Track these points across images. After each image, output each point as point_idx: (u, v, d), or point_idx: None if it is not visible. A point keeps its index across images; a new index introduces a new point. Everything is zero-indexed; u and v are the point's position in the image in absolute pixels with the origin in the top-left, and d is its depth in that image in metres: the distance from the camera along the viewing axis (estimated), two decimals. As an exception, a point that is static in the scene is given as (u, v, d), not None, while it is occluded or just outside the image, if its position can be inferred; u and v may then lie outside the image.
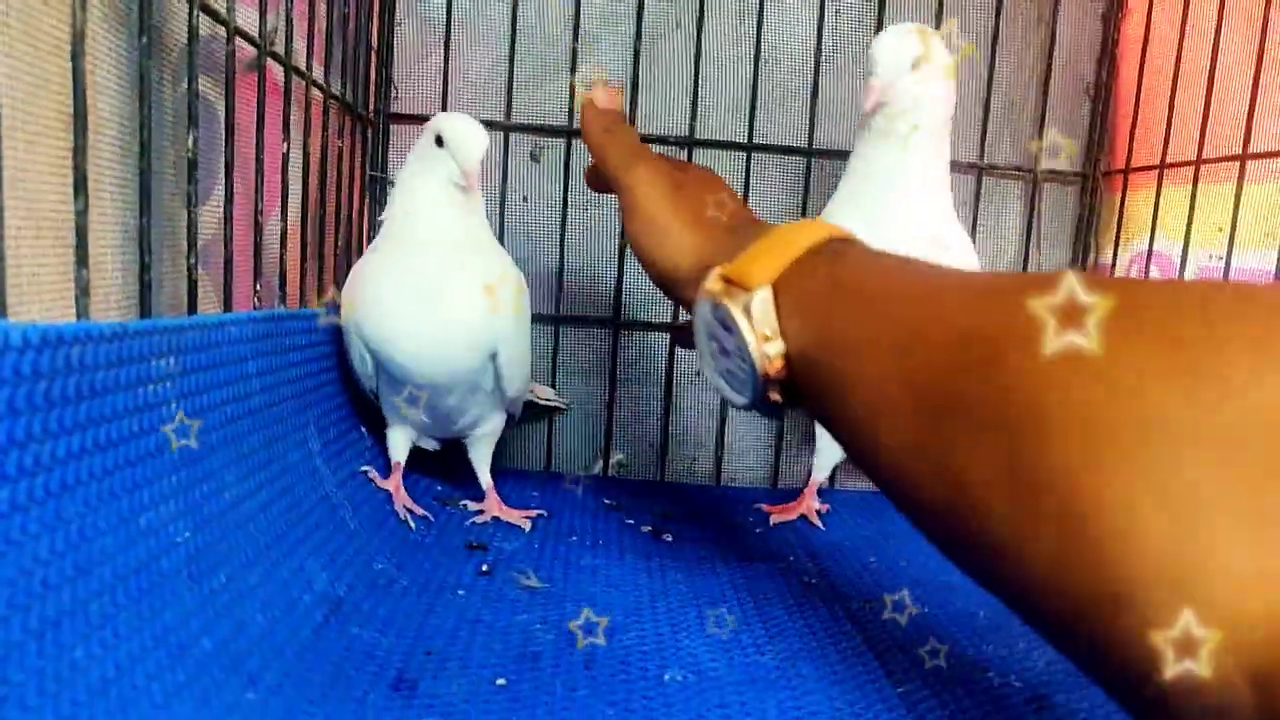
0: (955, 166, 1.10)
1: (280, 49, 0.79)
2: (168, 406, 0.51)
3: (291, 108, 0.81)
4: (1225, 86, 0.97)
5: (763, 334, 0.50)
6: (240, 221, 0.77)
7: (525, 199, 1.16)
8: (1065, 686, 0.65)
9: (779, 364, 0.50)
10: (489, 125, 1.12)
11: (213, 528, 0.55)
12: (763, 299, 0.50)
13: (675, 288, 0.64)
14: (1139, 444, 0.29)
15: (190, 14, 0.62)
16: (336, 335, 0.89)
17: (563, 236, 1.15)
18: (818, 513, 1.02)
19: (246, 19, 0.73)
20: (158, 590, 0.47)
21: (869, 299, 0.46)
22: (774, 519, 1.00)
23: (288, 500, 0.69)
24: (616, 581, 0.79)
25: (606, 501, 1.04)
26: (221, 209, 0.70)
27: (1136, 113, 1.11)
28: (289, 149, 0.81)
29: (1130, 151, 1.13)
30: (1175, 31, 1.04)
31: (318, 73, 0.92)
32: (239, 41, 0.70)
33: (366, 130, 1.11)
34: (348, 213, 1.06)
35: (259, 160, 0.74)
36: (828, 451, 1.04)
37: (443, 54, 1.13)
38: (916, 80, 0.88)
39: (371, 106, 1.12)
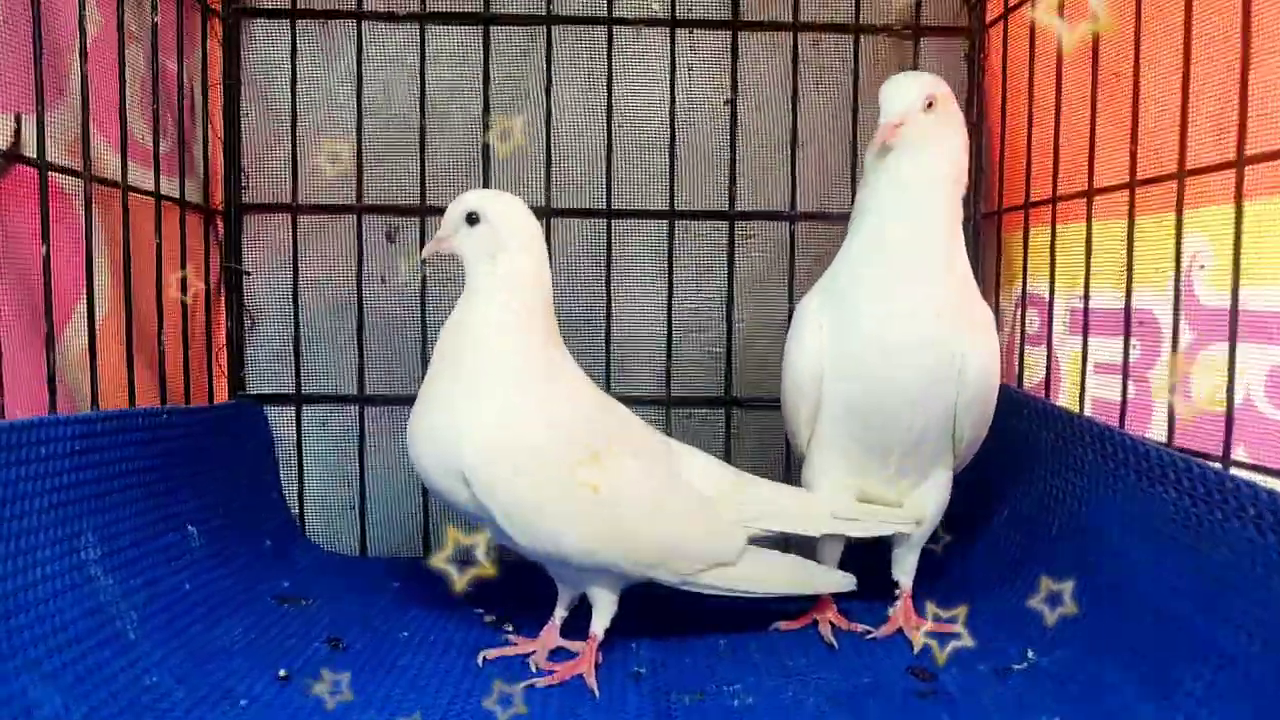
0: (839, 218, 1.08)
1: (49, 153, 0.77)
2: None
3: (94, 212, 0.80)
4: (1078, 122, 0.93)
5: None
6: (22, 328, 0.75)
7: (383, 279, 1.13)
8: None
9: None
10: (341, 210, 1.12)
11: None
12: None
13: None
14: None
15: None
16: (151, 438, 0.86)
17: (423, 314, 1.12)
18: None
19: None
20: None
21: None
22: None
23: (28, 617, 0.65)
24: (423, 684, 0.74)
25: (469, 590, 0.99)
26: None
27: (1003, 153, 1.08)
28: (91, 251, 0.79)
29: (1000, 193, 1.09)
30: (1041, 66, 1.00)
31: (141, 175, 0.90)
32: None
33: (215, 223, 1.09)
34: (199, 305, 1.04)
35: (46, 268, 0.73)
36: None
37: (290, 141, 1.11)
38: (932, 121, 0.81)
39: (220, 198, 1.10)
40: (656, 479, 0.81)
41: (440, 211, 1.07)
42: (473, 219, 0.80)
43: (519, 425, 0.75)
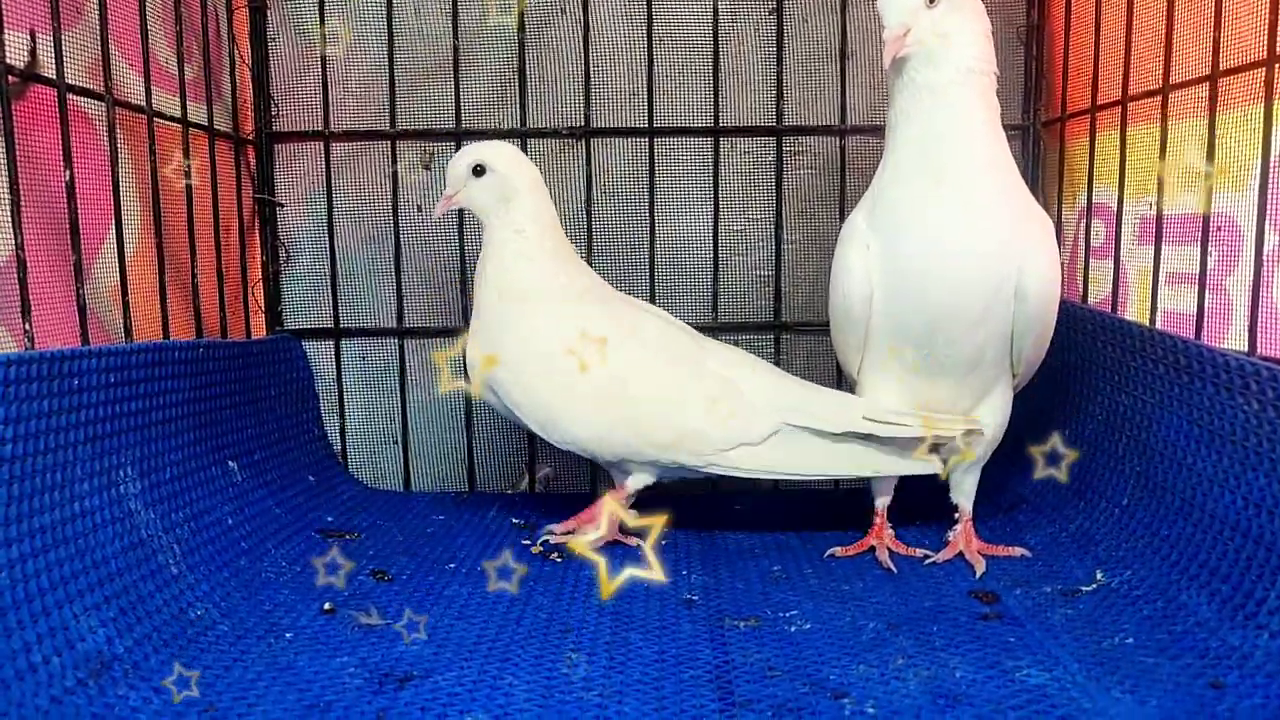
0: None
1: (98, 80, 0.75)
2: None
3: (119, 139, 0.77)
4: (1147, 16, 0.87)
5: None
6: (50, 256, 0.74)
7: (420, 209, 1.10)
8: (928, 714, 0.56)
9: None
10: (375, 136, 1.08)
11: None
12: None
13: None
14: None
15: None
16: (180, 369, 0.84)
17: (461, 243, 1.09)
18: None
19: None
20: None
21: None
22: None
23: (68, 550, 0.64)
24: (471, 613, 0.73)
25: (514, 521, 0.98)
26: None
27: (1067, 54, 1.01)
28: (118, 178, 0.77)
29: (1065, 97, 1.03)
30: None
31: (166, 101, 0.88)
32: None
33: (245, 153, 1.07)
34: (232, 238, 1.02)
35: (70, 192, 0.71)
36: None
37: (320, 66, 1.08)
38: (940, 15, 0.75)
39: (250, 127, 1.08)
40: (665, 368, 0.84)
41: (478, 135, 1.05)
42: (479, 170, 0.86)
43: (531, 352, 0.84)
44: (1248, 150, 0.74)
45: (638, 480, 0.87)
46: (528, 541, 0.91)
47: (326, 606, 0.73)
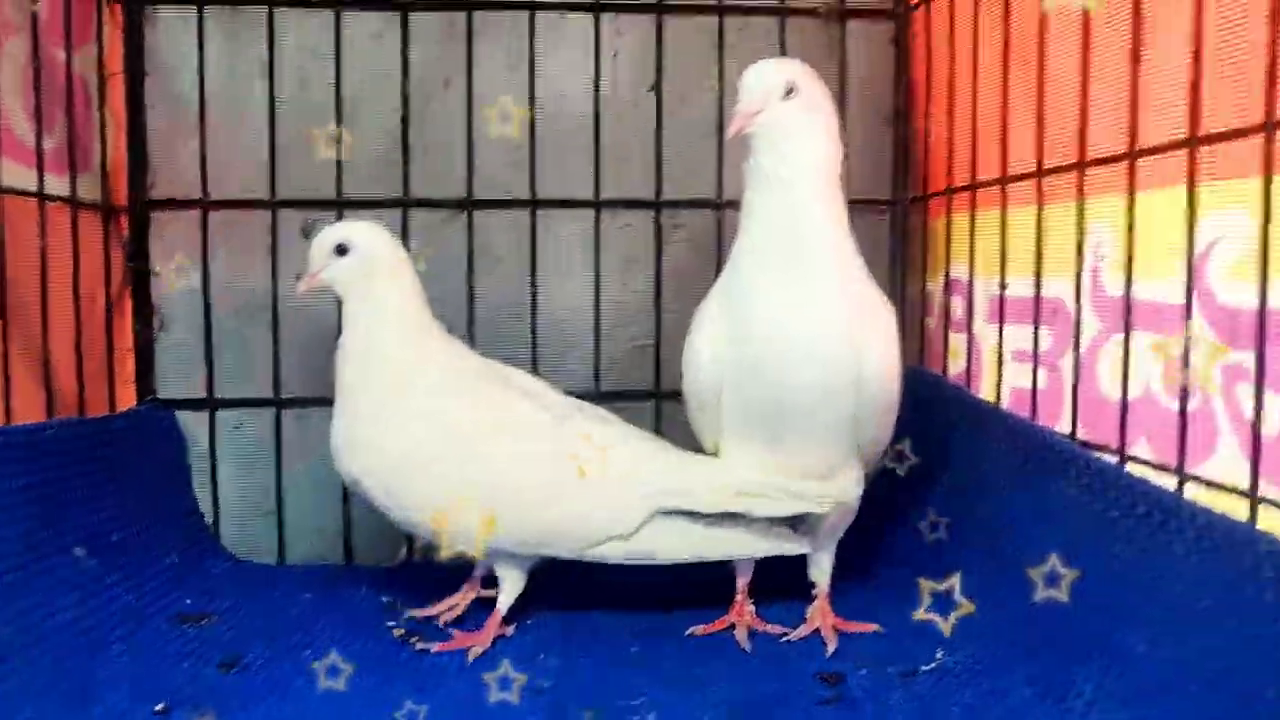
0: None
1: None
2: None
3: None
4: (996, 108, 0.91)
5: None
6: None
7: (298, 277, 1.09)
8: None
9: None
10: (254, 205, 1.08)
11: None
12: None
13: None
14: None
15: None
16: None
17: (340, 313, 1.08)
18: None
19: None
20: None
21: None
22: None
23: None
24: (314, 708, 0.72)
25: (385, 599, 0.97)
26: None
27: (926, 140, 1.05)
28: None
29: (926, 178, 1.06)
30: (962, 51, 0.98)
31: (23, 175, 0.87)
32: None
33: (118, 220, 1.06)
34: (98, 308, 1.00)
35: None
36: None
37: (199, 134, 1.07)
38: (793, 109, 0.78)
39: (124, 196, 1.07)
40: (530, 465, 0.83)
41: (358, 205, 1.06)
42: (342, 249, 0.86)
43: (387, 443, 0.83)
44: (1072, 240, 0.77)
45: (509, 589, 0.86)
46: (392, 623, 0.90)
47: (159, 707, 0.70)
